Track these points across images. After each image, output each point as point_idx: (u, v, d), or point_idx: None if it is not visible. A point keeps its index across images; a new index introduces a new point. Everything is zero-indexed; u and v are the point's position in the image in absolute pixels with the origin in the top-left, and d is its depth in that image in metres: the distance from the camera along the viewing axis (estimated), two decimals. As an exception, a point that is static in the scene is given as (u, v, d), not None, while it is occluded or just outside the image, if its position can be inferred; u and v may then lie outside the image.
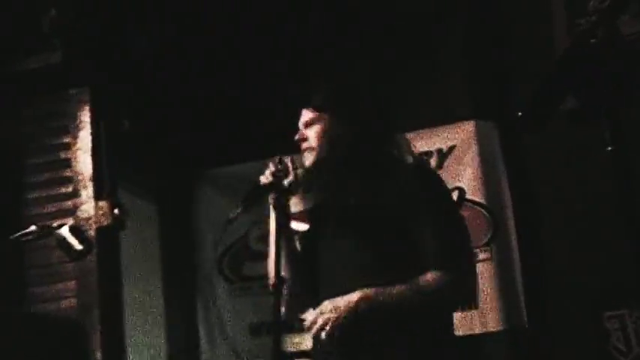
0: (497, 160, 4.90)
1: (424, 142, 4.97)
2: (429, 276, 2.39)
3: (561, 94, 2.05)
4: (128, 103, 4.67)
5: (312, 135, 2.65)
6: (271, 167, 2.61)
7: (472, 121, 4.93)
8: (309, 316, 2.43)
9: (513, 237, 4.80)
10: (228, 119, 5.24)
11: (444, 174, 4.83)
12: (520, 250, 4.77)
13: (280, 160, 2.62)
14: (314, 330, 2.41)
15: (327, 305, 2.41)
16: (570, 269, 4.61)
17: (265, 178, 2.58)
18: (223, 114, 5.25)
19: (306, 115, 2.70)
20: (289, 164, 2.62)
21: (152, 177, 5.31)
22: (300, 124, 2.71)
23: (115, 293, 4.36)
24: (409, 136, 4.98)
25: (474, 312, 4.65)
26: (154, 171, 5.28)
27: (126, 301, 4.46)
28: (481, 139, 4.90)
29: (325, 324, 2.39)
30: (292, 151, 2.70)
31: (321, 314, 2.40)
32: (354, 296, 2.39)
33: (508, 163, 4.88)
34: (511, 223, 4.81)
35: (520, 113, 2.22)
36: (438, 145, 4.97)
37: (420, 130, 4.97)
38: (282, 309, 2.49)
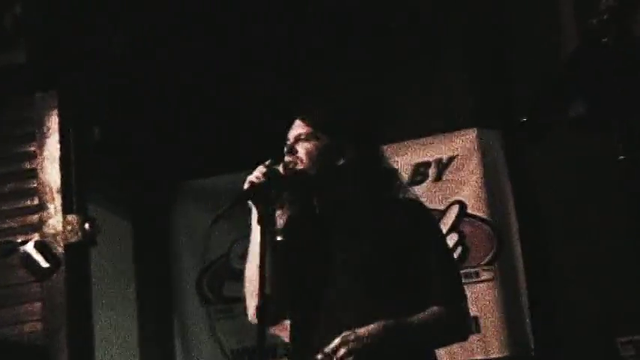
0: (501, 172, 4.91)
1: (422, 152, 5.00)
2: (438, 310, 2.57)
3: (569, 98, 2.05)
4: (99, 110, 4.66)
5: (301, 151, 2.69)
6: (261, 169, 2.61)
7: (474, 130, 4.95)
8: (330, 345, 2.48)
9: (518, 255, 4.81)
10: (207, 129, 5.26)
11: (443, 186, 4.90)
12: (526, 269, 4.78)
13: (271, 164, 2.64)
14: (337, 357, 2.46)
15: (349, 335, 2.47)
16: (581, 291, 4.62)
17: (256, 178, 2.59)
18: (203, 123, 5.28)
19: (300, 128, 2.73)
20: (280, 170, 2.64)
21: (125, 189, 5.30)
22: (291, 136, 2.73)
23: (85, 316, 4.33)
24: (406, 145, 5.07)
25: (475, 337, 4.65)
26: (127, 183, 5.27)
27: (96, 325, 4.44)
28: (483, 148, 4.92)
29: (348, 353, 2.45)
30: (276, 163, 2.70)
31: (343, 344, 2.45)
32: (377, 327, 2.49)
33: (513, 175, 4.90)
34: (516, 239, 4.83)
35: (523, 120, 2.23)
36: (437, 155, 4.99)
37: (418, 139, 5.03)
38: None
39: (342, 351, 2.45)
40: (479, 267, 4.79)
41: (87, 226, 4.27)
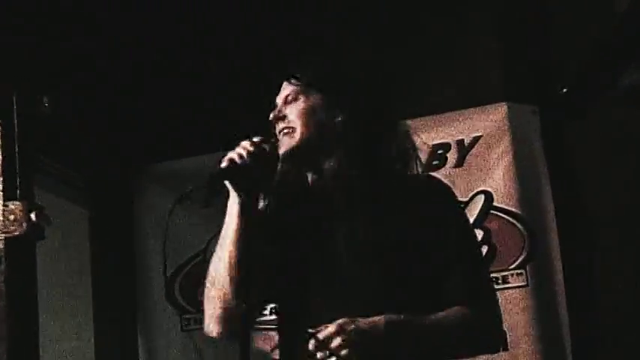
0: (537, 156, 4.90)
1: (440, 131, 5.00)
2: (462, 310, 2.57)
3: (620, 66, 2.01)
4: (50, 75, 4.63)
5: (293, 113, 2.71)
6: (247, 146, 2.61)
7: (503, 104, 4.94)
8: (323, 331, 2.47)
9: (556, 257, 4.80)
10: (177, 103, 5.29)
11: (465, 173, 4.91)
12: (565, 274, 4.77)
13: (261, 142, 2.64)
14: (331, 347, 2.45)
15: (347, 323, 2.46)
16: (630, 299, 4.63)
17: (238, 157, 2.59)
18: (172, 97, 5.30)
19: (287, 89, 2.77)
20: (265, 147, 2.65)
21: (81, 173, 5.32)
22: (279, 100, 2.77)
23: (30, 323, 4.30)
24: (421, 122, 5.10)
25: (503, 355, 4.63)
26: (83, 165, 5.29)
27: (43, 333, 4.43)
28: (515, 127, 4.91)
29: (344, 345, 2.44)
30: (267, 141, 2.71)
31: (339, 332, 2.44)
32: (380, 320, 2.50)
33: (551, 160, 4.89)
34: (554, 238, 4.82)
35: (564, 91, 2.18)
36: (458, 136, 4.99)
37: (435, 116, 5.04)
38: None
39: (337, 340, 2.44)
40: (507, 271, 4.80)
41: (33, 215, 4.22)
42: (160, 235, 5.30)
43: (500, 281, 4.78)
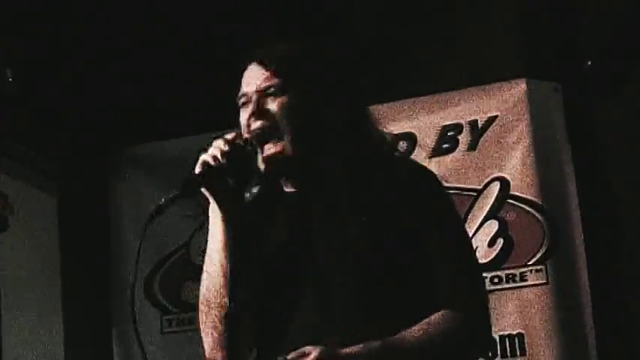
0: (559, 138, 4.88)
1: (451, 111, 4.98)
2: (444, 318, 2.56)
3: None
4: (13, 45, 4.66)
5: (277, 110, 2.64)
6: (221, 146, 2.57)
7: (522, 81, 4.92)
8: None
9: (580, 252, 4.78)
10: (156, 81, 5.25)
11: (479, 158, 4.90)
12: (590, 271, 4.75)
13: (246, 140, 2.60)
14: None
15: (328, 352, 2.45)
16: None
17: (212, 159, 2.56)
18: (150, 73, 5.26)
19: (263, 76, 2.67)
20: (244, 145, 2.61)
21: (51, 157, 5.30)
22: (250, 89, 2.68)
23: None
24: (430, 101, 5.09)
25: (520, 360, 4.67)
26: (54, 148, 5.28)
27: (8, 333, 4.47)
28: (535, 106, 4.88)
29: None
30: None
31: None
32: (375, 346, 2.49)
33: (575, 143, 4.87)
34: (577, 230, 4.80)
35: (589, 65, 2.14)
36: (471, 116, 4.96)
37: (446, 93, 5.01)
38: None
39: None
40: (526, 267, 4.78)
41: (-5, 204, 4.29)
42: (139, 225, 5.27)
43: (517, 279, 4.77)
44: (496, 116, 4.92)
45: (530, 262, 4.77)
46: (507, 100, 4.91)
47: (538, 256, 4.78)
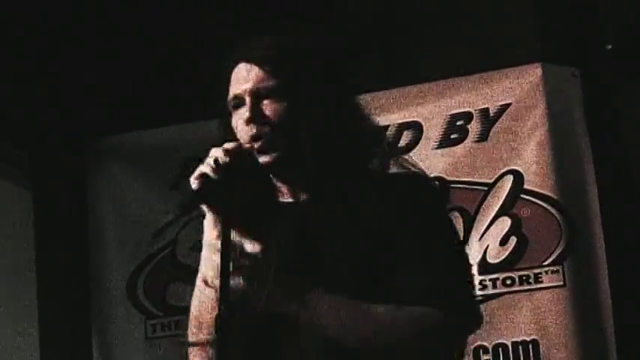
0: (578, 128, 4.88)
1: (460, 98, 4.98)
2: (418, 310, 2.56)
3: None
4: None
5: (276, 116, 2.64)
6: (220, 155, 2.54)
7: (538, 65, 4.91)
8: None
9: (600, 252, 4.78)
10: (135, 67, 5.28)
11: (490, 149, 4.91)
12: (611, 271, 4.75)
13: (237, 148, 2.58)
14: None
15: None
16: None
17: (211, 171, 2.53)
18: (128, 59, 5.29)
19: (256, 76, 2.66)
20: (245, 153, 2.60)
21: (24, 147, 5.33)
22: (243, 89, 2.66)
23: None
24: (437, 87, 5.10)
25: (535, 367, 4.68)
26: (27, 139, 5.30)
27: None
28: (552, 93, 4.88)
29: None
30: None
31: None
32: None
33: (595, 132, 4.86)
34: (597, 228, 4.80)
35: (610, 48, 2.15)
36: (481, 104, 4.96)
37: (455, 79, 5.02)
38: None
39: None
40: (541, 268, 4.77)
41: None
42: (119, 220, 5.32)
43: (531, 280, 4.78)
44: (509, 104, 4.92)
45: (545, 263, 4.77)
46: (521, 87, 4.91)
47: (554, 256, 4.77)
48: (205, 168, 2.53)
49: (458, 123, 4.96)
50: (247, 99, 2.65)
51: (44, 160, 5.41)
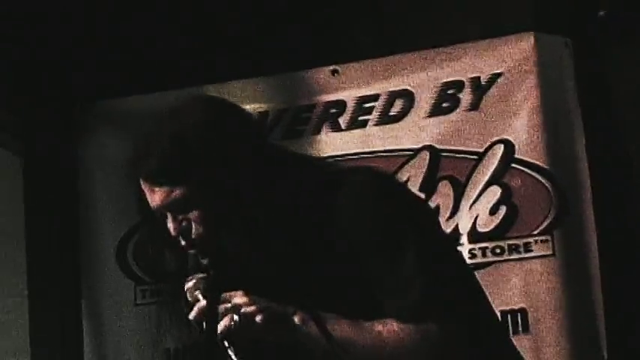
0: (569, 97, 4.87)
1: (451, 67, 4.97)
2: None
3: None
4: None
5: (201, 234, 2.66)
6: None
7: (530, 34, 4.90)
8: None
9: (590, 221, 4.79)
10: (128, 30, 5.27)
11: (481, 118, 4.91)
12: (601, 241, 4.76)
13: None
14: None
15: None
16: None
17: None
18: (114, 27, 5.29)
19: (159, 193, 2.66)
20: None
21: (15, 113, 5.32)
22: (156, 206, 2.68)
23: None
24: (427, 56, 5.10)
25: (522, 338, 4.66)
26: (17, 104, 5.28)
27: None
28: (543, 63, 4.87)
29: None
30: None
31: None
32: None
33: (587, 104, 4.85)
34: (587, 198, 4.80)
35: (602, 14, 2.13)
36: (473, 72, 4.95)
37: (445, 48, 5.00)
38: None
39: None
40: (531, 237, 4.79)
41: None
42: (110, 186, 5.29)
43: (521, 250, 4.79)
44: (500, 73, 4.91)
45: (535, 232, 4.78)
46: (513, 56, 4.90)
47: (544, 225, 4.78)
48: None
49: (449, 91, 4.94)
50: (165, 213, 2.67)
51: (34, 124, 5.40)
